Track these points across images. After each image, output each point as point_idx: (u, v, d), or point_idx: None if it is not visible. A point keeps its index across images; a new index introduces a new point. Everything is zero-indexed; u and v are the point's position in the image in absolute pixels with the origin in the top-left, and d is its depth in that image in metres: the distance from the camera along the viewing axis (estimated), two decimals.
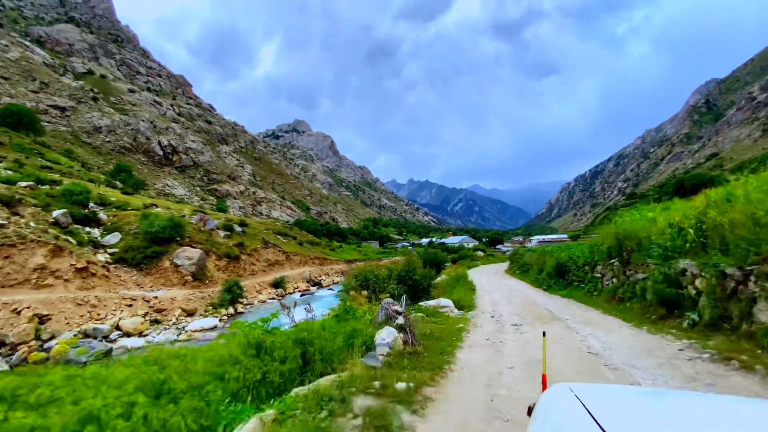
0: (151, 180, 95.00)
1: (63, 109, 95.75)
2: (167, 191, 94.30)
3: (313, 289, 38.16)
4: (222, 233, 38.03)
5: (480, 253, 51.33)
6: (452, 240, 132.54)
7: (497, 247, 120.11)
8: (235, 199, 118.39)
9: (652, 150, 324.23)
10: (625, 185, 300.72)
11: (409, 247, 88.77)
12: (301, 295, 33.44)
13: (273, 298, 31.42)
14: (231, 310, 26.28)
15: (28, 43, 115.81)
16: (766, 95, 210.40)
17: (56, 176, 41.33)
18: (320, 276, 42.73)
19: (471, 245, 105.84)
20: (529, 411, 1.83)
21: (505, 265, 31.97)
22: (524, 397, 4.79)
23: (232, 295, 27.22)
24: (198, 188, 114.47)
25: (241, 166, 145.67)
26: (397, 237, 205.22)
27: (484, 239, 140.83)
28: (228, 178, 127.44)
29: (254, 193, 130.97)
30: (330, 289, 37.45)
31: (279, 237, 47.68)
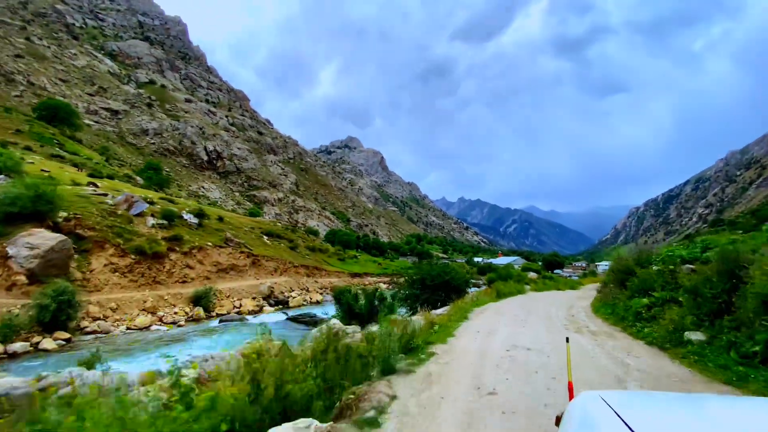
0: (188, 181, 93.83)
1: (115, 112, 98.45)
2: (201, 193, 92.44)
3: (269, 309, 27.54)
4: (151, 221, 29.19)
5: (532, 275, 39.76)
6: (501, 261, 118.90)
7: (555, 271, 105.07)
8: (273, 205, 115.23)
9: (738, 173, 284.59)
10: (706, 211, 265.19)
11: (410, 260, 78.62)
12: (221, 321, 23.42)
13: (163, 324, 21.49)
14: (45, 340, 15.84)
15: (97, 54, 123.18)
16: None
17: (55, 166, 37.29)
18: (294, 291, 32.50)
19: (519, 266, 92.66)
20: (558, 420, 1.72)
21: (577, 294, 21.70)
22: None
23: (62, 313, 17.01)
24: (237, 193, 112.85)
25: (285, 175, 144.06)
26: (441, 255, 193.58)
27: (539, 262, 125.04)
28: (269, 185, 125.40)
29: (293, 201, 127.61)
30: (280, 313, 26.54)
31: (265, 237, 40.20)
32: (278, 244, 41.20)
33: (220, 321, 23.64)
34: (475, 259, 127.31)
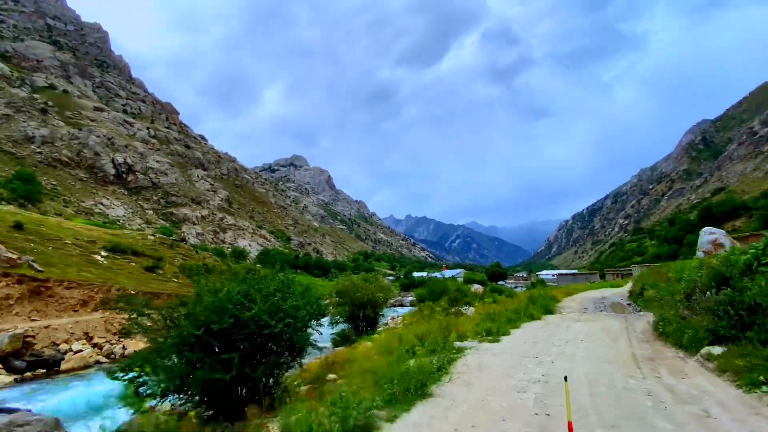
0: (80, 197, 76.90)
1: None
2: (97, 210, 75.83)
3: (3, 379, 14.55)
4: None
5: (477, 287, 31.46)
6: (446, 274, 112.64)
7: (499, 282, 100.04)
8: (194, 224, 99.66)
9: (651, 187, 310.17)
10: (626, 221, 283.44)
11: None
12: None
13: None
14: None
15: None
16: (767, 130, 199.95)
17: None
18: (97, 337, 19.23)
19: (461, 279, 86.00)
20: None
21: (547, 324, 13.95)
22: None
23: None
24: (150, 211, 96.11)
25: (213, 191, 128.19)
26: (388, 272, 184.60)
27: (483, 274, 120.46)
28: (191, 201, 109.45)
29: (221, 219, 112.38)
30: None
31: (101, 254, 27.87)
32: (122, 264, 28.76)
33: None
34: (418, 274, 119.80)
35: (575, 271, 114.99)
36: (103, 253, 28.57)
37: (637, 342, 9.62)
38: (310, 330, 7.11)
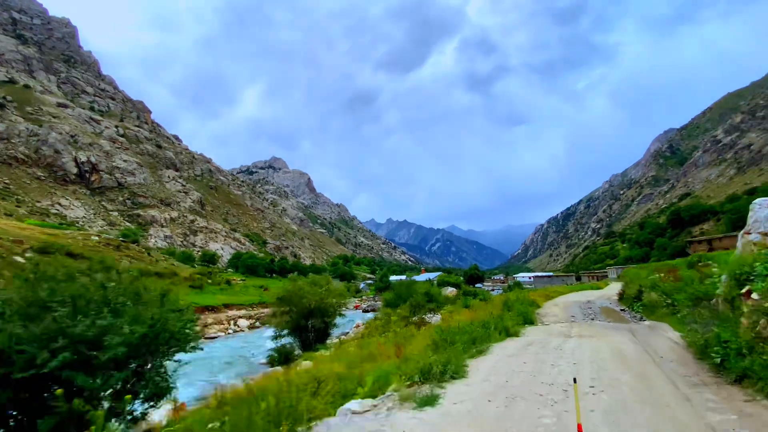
0: (36, 196, 71.58)
1: None
2: (54, 210, 70.67)
3: None
4: None
5: (450, 291, 29.17)
6: (424, 277, 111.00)
7: (477, 285, 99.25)
8: (162, 226, 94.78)
9: (621, 192, 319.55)
10: (598, 226, 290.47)
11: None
12: None
13: None
14: None
15: None
16: (730, 138, 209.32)
17: None
18: None
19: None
20: None
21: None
22: None
23: None
24: (115, 212, 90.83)
25: (185, 193, 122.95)
26: (369, 275, 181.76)
27: (461, 277, 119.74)
28: (160, 203, 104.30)
29: (192, 221, 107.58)
30: None
31: (27, 255, 24.36)
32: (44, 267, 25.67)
33: None
34: (396, 277, 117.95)
35: (551, 274, 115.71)
36: (28, 255, 25.28)
37: (685, 384, 5.62)
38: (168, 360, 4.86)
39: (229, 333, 31.05)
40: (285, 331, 13.80)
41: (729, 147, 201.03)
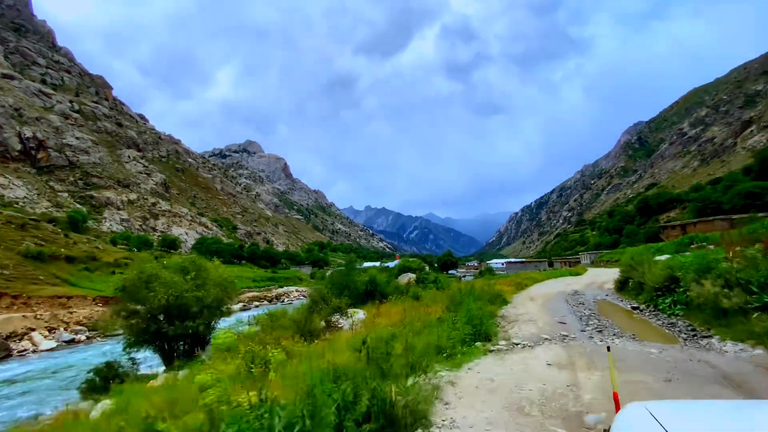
0: None
1: None
2: None
3: None
4: None
5: (408, 278, 23.86)
6: (398, 263, 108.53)
7: (450, 272, 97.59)
8: (119, 209, 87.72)
9: (592, 182, 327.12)
10: (570, 214, 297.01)
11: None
12: None
13: None
14: None
15: None
16: (695, 131, 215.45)
17: None
18: None
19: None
20: None
21: None
22: None
23: None
24: (65, 193, 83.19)
25: (147, 174, 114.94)
26: (342, 263, 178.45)
27: (435, 264, 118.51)
28: (117, 184, 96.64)
29: (154, 204, 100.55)
30: None
31: None
32: None
33: None
34: (370, 264, 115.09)
35: (524, 260, 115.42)
36: None
37: None
38: None
39: None
40: (133, 339, 9.72)
41: (694, 140, 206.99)
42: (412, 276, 20.90)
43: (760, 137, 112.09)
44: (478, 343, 7.65)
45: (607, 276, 23.46)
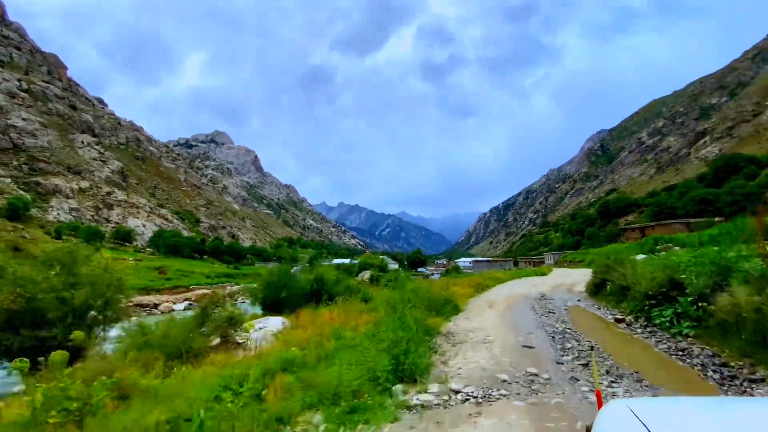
0: None
1: None
2: None
3: None
4: None
5: (362, 276, 23.06)
6: (359, 260, 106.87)
7: (419, 269, 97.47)
8: (68, 198, 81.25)
9: (557, 186, 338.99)
10: (535, 216, 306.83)
11: None
12: None
13: None
14: None
15: None
16: (653, 140, 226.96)
17: None
18: None
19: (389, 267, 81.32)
20: (587, 431, 1.62)
21: None
22: None
23: None
24: (7, 178, 76.02)
25: (102, 161, 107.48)
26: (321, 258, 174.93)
27: (404, 262, 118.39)
28: (67, 170, 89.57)
29: (108, 193, 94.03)
30: None
31: None
32: None
33: None
34: (340, 261, 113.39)
35: (490, 259, 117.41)
36: None
37: None
38: None
39: None
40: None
41: (651, 148, 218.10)
42: (364, 275, 19.69)
43: (712, 147, 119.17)
44: (397, 387, 5.14)
45: (574, 277, 22.46)
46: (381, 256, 62.38)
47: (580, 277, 18.74)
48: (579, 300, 13.62)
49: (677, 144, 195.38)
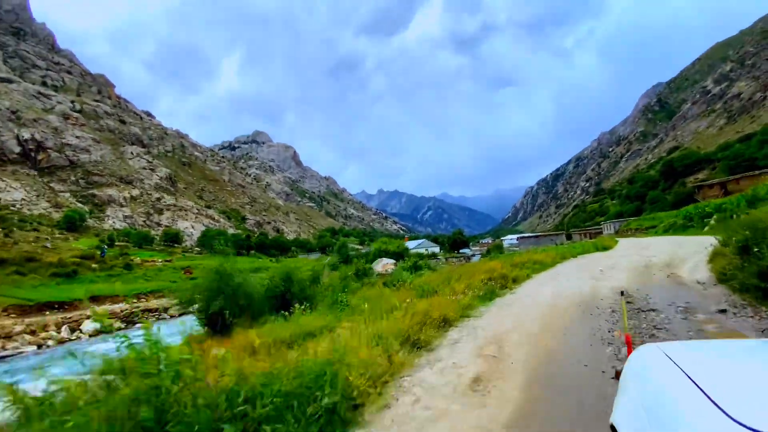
0: None
1: None
2: None
3: None
4: None
5: (384, 264, 20.79)
6: (407, 245, 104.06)
7: (461, 251, 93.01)
8: (121, 206, 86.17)
9: (610, 149, 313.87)
10: (587, 184, 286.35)
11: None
12: None
13: None
14: None
15: None
16: (720, 88, 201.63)
17: None
18: None
19: (429, 251, 77.83)
20: (617, 375, 1.59)
21: None
22: None
23: None
24: (67, 193, 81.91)
25: (151, 170, 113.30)
26: (357, 247, 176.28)
27: (446, 244, 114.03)
28: (120, 181, 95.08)
29: (158, 199, 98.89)
30: None
31: None
32: None
33: None
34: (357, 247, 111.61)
35: (539, 234, 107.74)
36: None
37: None
38: None
39: (47, 346, 20.22)
40: None
41: (719, 97, 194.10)
42: (388, 262, 16.79)
43: None
44: None
45: (662, 247, 15.77)
46: (397, 242, 56.14)
47: (671, 247, 12.87)
48: (726, 302, 6.37)
49: (749, 88, 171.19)
